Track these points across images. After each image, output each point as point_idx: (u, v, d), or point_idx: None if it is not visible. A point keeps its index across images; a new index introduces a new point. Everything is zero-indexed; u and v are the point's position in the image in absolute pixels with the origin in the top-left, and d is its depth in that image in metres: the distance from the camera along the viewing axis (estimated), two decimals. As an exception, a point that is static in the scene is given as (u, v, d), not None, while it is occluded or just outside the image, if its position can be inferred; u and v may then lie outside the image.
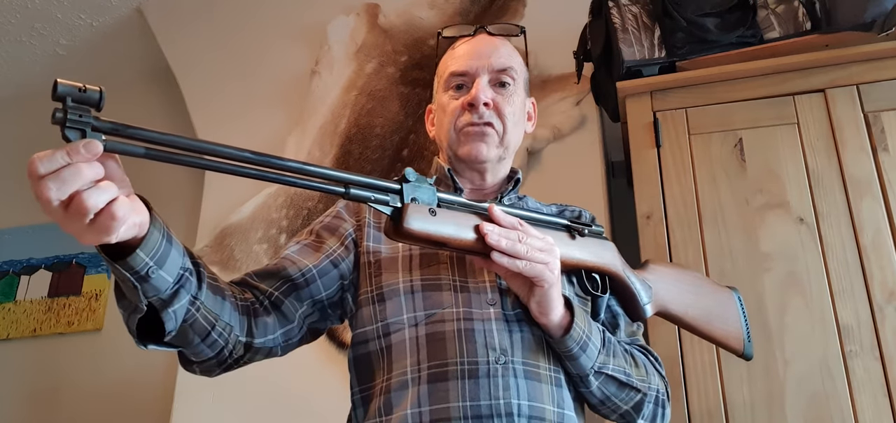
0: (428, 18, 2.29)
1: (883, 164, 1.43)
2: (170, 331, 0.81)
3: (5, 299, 2.60)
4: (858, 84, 1.50)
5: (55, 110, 0.64)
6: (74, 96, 0.64)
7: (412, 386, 0.91)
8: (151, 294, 0.77)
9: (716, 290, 1.19)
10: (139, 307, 0.77)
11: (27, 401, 2.45)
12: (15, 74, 2.87)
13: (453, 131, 1.09)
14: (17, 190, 2.81)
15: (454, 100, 1.09)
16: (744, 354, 1.16)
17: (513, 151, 1.12)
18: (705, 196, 1.50)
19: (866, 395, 1.28)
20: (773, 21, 1.62)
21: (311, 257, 1.02)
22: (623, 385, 0.98)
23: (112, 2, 2.55)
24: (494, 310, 0.96)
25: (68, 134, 0.64)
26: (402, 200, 0.84)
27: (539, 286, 0.90)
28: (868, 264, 1.37)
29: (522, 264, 0.87)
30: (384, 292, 0.99)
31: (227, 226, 2.19)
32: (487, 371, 0.91)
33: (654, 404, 1.01)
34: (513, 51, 1.14)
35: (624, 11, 1.69)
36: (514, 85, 1.11)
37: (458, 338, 0.93)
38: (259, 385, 1.99)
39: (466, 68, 1.09)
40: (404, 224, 0.82)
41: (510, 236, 0.88)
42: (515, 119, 1.10)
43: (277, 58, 2.42)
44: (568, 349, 0.93)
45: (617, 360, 0.98)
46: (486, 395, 0.89)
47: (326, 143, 2.21)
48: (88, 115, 0.64)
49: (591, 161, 1.93)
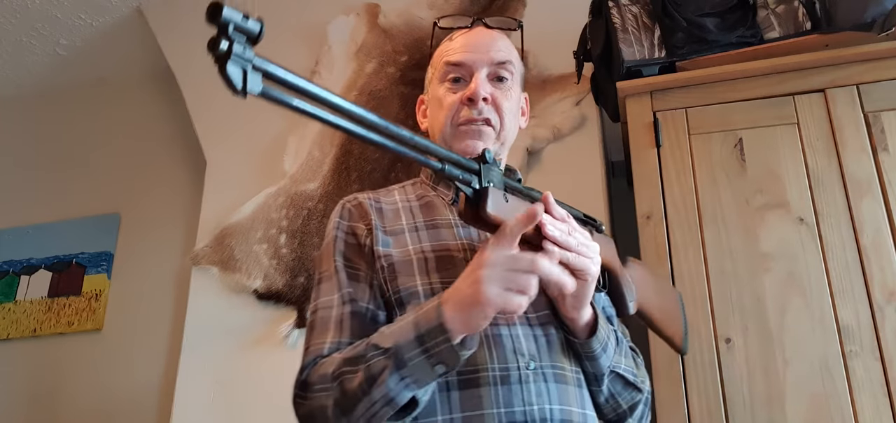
0: (428, 18, 2.29)
1: (883, 164, 1.43)
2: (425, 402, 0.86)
3: (5, 299, 2.60)
4: (858, 84, 1.50)
5: (216, 40, 0.54)
6: (237, 24, 0.55)
7: (441, 393, 0.89)
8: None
9: (669, 289, 1.23)
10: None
11: (27, 401, 2.45)
12: (15, 73, 2.86)
13: (449, 126, 1.06)
14: (17, 190, 2.82)
15: (451, 93, 1.07)
16: (682, 350, 1.21)
17: (508, 146, 1.10)
18: (705, 196, 1.50)
19: (866, 395, 1.28)
20: (773, 21, 1.62)
21: (364, 293, 0.98)
22: (628, 384, 0.99)
23: (112, 2, 2.55)
24: (517, 314, 0.94)
25: (230, 71, 0.55)
26: (480, 182, 0.81)
27: (582, 280, 0.88)
28: (868, 264, 1.37)
29: (572, 256, 0.86)
30: (402, 296, 0.95)
31: (228, 226, 2.19)
32: (519, 377, 0.89)
33: (644, 405, 1.03)
34: (510, 45, 1.12)
35: (624, 11, 1.69)
36: (512, 79, 1.09)
37: (486, 344, 0.90)
38: (259, 386, 1.99)
39: (463, 60, 1.07)
40: (486, 208, 0.80)
41: (563, 228, 0.87)
42: (512, 114, 1.08)
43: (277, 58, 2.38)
44: (591, 350, 0.93)
45: (626, 359, 0.99)
46: (519, 402, 0.88)
47: (326, 143, 2.21)
48: (250, 49, 0.56)
49: (591, 161, 1.93)
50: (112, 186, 2.66)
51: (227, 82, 0.54)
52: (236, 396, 2.00)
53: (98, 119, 2.85)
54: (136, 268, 2.52)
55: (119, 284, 2.51)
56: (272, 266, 2.10)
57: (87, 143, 2.80)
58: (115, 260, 2.55)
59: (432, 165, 0.77)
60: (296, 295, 2.05)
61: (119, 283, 2.51)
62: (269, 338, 2.04)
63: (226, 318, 2.10)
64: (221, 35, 0.54)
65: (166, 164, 2.63)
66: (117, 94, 2.87)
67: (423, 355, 0.80)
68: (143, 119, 2.78)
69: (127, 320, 2.45)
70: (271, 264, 2.10)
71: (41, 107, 2.96)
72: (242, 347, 2.06)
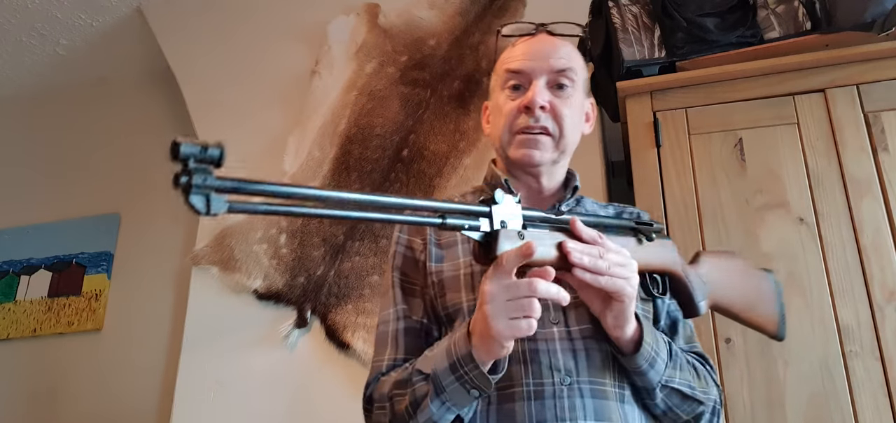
0: (428, 18, 2.29)
1: (883, 164, 1.43)
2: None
3: (5, 299, 2.60)
4: (858, 84, 1.50)
5: (179, 175, 0.60)
6: (197, 156, 0.60)
7: (482, 408, 0.93)
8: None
9: (756, 274, 1.18)
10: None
11: (27, 401, 2.45)
12: (15, 73, 2.86)
13: (508, 133, 1.07)
14: (18, 190, 2.82)
15: (510, 101, 1.07)
16: (777, 336, 1.16)
17: (569, 154, 1.10)
18: (705, 196, 1.50)
19: (866, 395, 1.28)
20: (773, 21, 1.62)
21: (418, 309, 1.04)
22: (686, 397, 0.97)
23: (112, 2, 2.55)
24: (558, 329, 0.96)
25: (193, 201, 0.60)
26: (491, 225, 0.82)
27: (618, 301, 0.89)
28: (868, 264, 1.37)
29: (604, 279, 0.86)
30: (451, 311, 0.99)
31: (228, 226, 2.19)
32: (553, 392, 0.91)
33: (711, 414, 1.01)
34: (573, 51, 1.12)
35: (624, 11, 1.69)
36: (573, 86, 1.08)
37: (522, 359, 0.93)
38: (260, 386, 1.99)
39: (523, 68, 1.07)
40: (496, 252, 0.82)
41: (592, 252, 0.87)
42: (573, 122, 1.08)
43: (277, 58, 2.42)
44: (637, 366, 0.92)
45: (682, 373, 0.97)
46: (552, 417, 0.90)
47: (326, 143, 2.20)
48: (211, 176, 0.61)
49: (591, 161, 1.93)
50: (112, 187, 2.66)
51: (193, 210, 0.60)
52: (236, 396, 2.00)
53: (98, 119, 2.85)
54: (136, 268, 2.52)
55: (119, 284, 2.51)
56: (272, 266, 2.10)
57: (87, 143, 2.80)
58: (115, 260, 2.55)
59: (432, 222, 0.77)
60: (296, 295, 2.05)
61: (119, 283, 2.51)
62: (269, 338, 2.03)
63: (226, 318, 2.10)
64: (183, 170, 0.59)
65: (166, 164, 2.62)
66: (117, 94, 2.87)
67: (458, 382, 0.86)
68: (143, 119, 2.78)
69: (127, 320, 2.45)
70: (271, 264, 2.10)
71: (41, 107, 2.96)
72: (242, 347, 2.06)
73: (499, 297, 0.81)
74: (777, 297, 1.17)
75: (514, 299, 0.81)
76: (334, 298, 2.02)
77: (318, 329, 2.01)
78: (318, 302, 2.03)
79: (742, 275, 1.15)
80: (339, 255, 2.06)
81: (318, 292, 2.04)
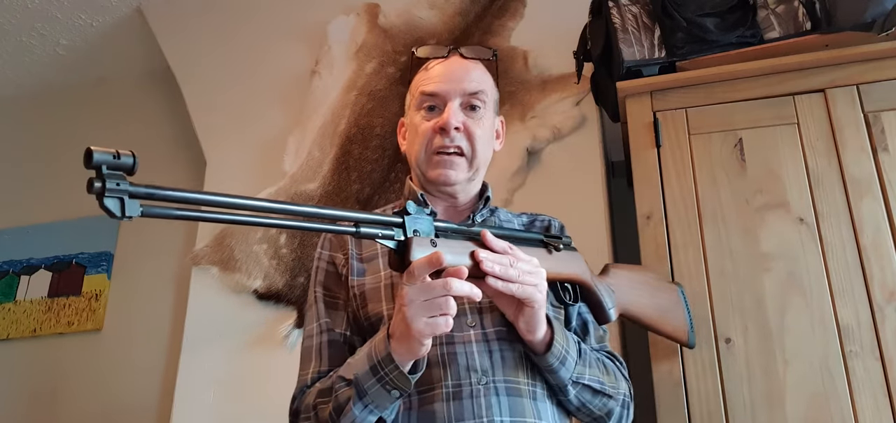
0: (428, 18, 2.29)
1: (883, 164, 1.43)
2: None
3: (5, 299, 2.60)
4: (858, 84, 1.50)
5: (92, 181, 0.63)
6: (109, 163, 0.64)
7: (404, 410, 0.98)
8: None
9: (665, 287, 1.29)
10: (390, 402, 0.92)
11: (27, 401, 2.45)
12: (15, 73, 2.87)
13: (423, 153, 1.12)
14: (17, 190, 2.82)
15: (425, 121, 1.13)
16: (688, 344, 1.28)
17: (483, 171, 1.17)
18: (705, 196, 1.50)
19: (866, 395, 1.28)
20: (773, 21, 1.62)
21: (341, 322, 1.09)
22: (597, 393, 1.04)
23: (112, 2, 2.55)
24: (474, 332, 1.01)
25: (108, 204, 0.63)
26: (405, 234, 0.87)
27: (529, 307, 0.94)
28: (868, 264, 1.37)
29: (515, 287, 0.92)
30: (372, 321, 1.05)
31: (227, 226, 2.19)
32: (471, 392, 0.97)
33: (621, 407, 1.08)
34: (484, 73, 1.17)
35: (624, 11, 1.69)
36: (484, 108, 1.14)
37: (441, 362, 0.99)
38: (259, 386, 1.99)
39: (438, 90, 1.13)
40: (409, 258, 0.86)
41: (502, 260, 0.92)
42: (484, 141, 1.14)
43: (277, 58, 2.42)
44: (549, 364, 0.98)
45: (591, 370, 1.03)
46: (470, 415, 0.95)
47: (326, 143, 2.20)
48: (124, 182, 0.65)
49: (591, 161, 1.93)
50: (112, 187, 2.66)
51: (108, 213, 0.64)
52: (236, 396, 2.00)
53: (98, 119, 2.85)
54: (136, 268, 2.52)
55: (119, 284, 2.51)
56: (272, 266, 2.10)
57: (87, 143, 2.77)
58: (115, 260, 2.55)
59: (345, 231, 0.82)
60: (296, 295, 2.05)
61: (119, 283, 2.52)
62: (269, 338, 2.04)
63: (226, 318, 2.10)
64: (97, 176, 0.63)
65: (166, 164, 2.63)
66: (117, 94, 2.87)
67: (378, 383, 0.90)
68: (143, 119, 2.78)
69: (127, 320, 2.45)
70: (271, 264, 2.10)
71: (41, 107, 2.96)
72: (242, 347, 2.06)
73: (416, 299, 0.85)
74: (685, 307, 1.26)
75: (430, 299, 0.85)
76: (334, 298, 2.02)
77: (318, 329, 2.02)
78: (318, 302, 2.03)
79: (650, 286, 1.24)
80: (339, 255, 2.06)
81: (318, 292, 2.04)
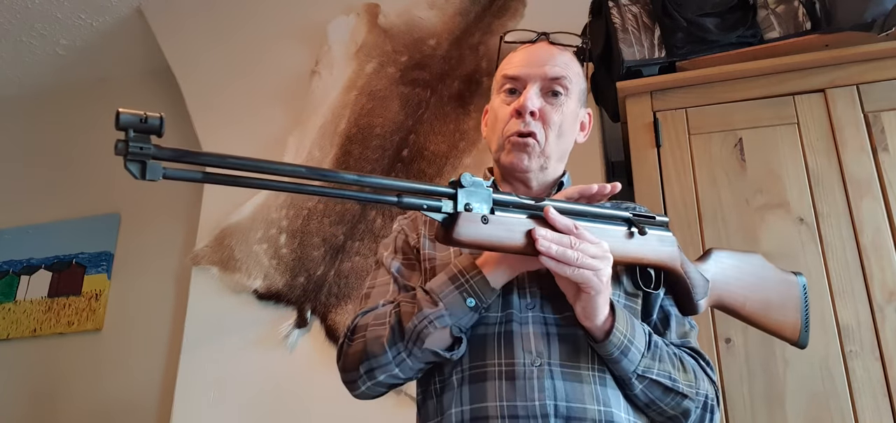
0: (428, 18, 2.29)
1: (883, 164, 1.43)
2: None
3: (5, 299, 2.60)
4: (858, 84, 1.50)
5: (118, 141, 0.65)
6: (136, 126, 0.65)
7: (457, 387, 0.96)
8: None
9: (778, 277, 1.13)
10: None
11: (27, 401, 2.45)
12: (15, 73, 2.87)
13: (501, 137, 1.10)
14: (18, 190, 2.82)
15: (505, 105, 1.10)
16: (798, 343, 1.12)
17: (556, 160, 1.11)
18: (705, 196, 1.50)
19: (866, 395, 1.28)
20: (773, 21, 1.62)
21: (414, 278, 1.08)
22: (668, 390, 0.96)
23: (112, 2, 2.55)
24: (532, 314, 0.98)
25: (130, 166, 0.65)
26: (455, 207, 0.84)
27: (585, 292, 0.90)
28: (868, 264, 1.37)
29: (570, 270, 0.88)
30: None
31: (228, 226, 2.19)
32: (524, 373, 0.93)
33: (701, 409, 0.99)
34: (570, 60, 1.14)
35: (624, 11, 1.69)
36: (566, 94, 1.10)
37: (497, 341, 0.96)
38: (258, 386, 1.99)
39: (519, 73, 1.10)
40: (454, 233, 0.84)
41: (562, 241, 0.88)
42: (562, 129, 1.10)
43: (277, 58, 2.42)
44: (609, 353, 0.93)
45: (662, 364, 0.96)
46: (521, 396, 0.92)
47: (326, 143, 2.21)
48: (149, 144, 0.66)
49: (591, 161, 1.93)
50: (112, 187, 2.66)
51: (131, 173, 0.66)
52: (236, 396, 2.00)
53: (98, 119, 2.85)
54: (136, 268, 2.52)
55: (119, 284, 2.51)
56: (272, 266, 2.10)
57: (87, 143, 2.80)
58: (115, 260, 2.55)
59: (388, 200, 0.81)
60: (296, 295, 2.05)
61: (119, 283, 2.51)
62: (269, 338, 2.04)
63: (226, 318, 2.10)
64: (124, 138, 0.65)
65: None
66: (117, 94, 2.87)
67: (456, 289, 0.92)
68: (142, 119, 2.77)
69: (127, 320, 2.45)
70: (271, 264, 2.10)
71: (41, 107, 2.96)
72: (242, 347, 2.06)
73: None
74: (802, 302, 1.12)
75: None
76: (334, 298, 2.02)
77: (318, 329, 2.02)
78: (318, 302, 2.03)
79: (758, 276, 1.11)
80: (339, 255, 2.06)
81: (318, 292, 2.04)
